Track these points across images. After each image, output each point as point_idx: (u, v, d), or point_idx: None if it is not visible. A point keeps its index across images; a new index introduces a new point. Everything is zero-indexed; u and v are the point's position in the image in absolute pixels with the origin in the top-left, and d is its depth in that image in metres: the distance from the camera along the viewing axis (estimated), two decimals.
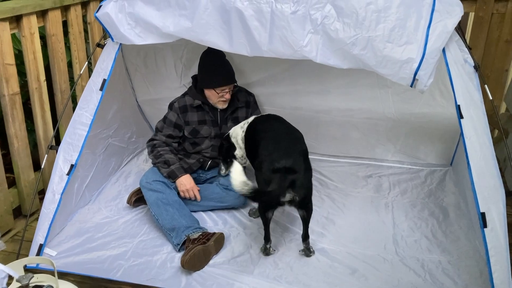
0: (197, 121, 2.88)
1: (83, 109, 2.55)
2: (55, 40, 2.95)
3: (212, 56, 2.78)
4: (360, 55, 2.10)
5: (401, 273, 2.37)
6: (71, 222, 2.76)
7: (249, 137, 2.72)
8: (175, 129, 2.87)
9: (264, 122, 2.74)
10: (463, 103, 2.11)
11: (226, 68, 2.82)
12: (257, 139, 2.58)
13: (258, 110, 3.09)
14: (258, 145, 2.51)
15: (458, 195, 3.04)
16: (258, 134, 2.62)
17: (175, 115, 2.86)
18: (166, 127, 2.88)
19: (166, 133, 2.87)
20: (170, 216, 2.60)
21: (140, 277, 2.33)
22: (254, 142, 2.61)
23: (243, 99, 2.99)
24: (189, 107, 2.86)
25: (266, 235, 2.49)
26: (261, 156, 2.44)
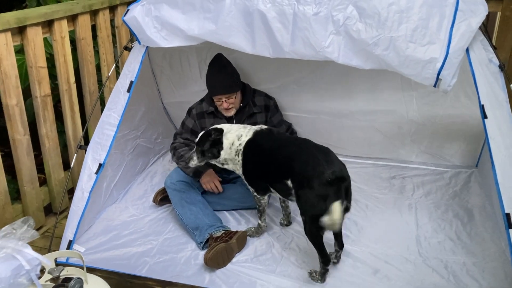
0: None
1: (111, 110, 2.62)
2: (85, 44, 3.05)
3: (213, 65, 2.79)
4: (382, 55, 2.11)
5: (424, 274, 2.36)
6: (99, 219, 2.84)
7: (256, 153, 2.49)
8: (192, 135, 2.89)
9: (271, 139, 2.51)
10: (487, 103, 2.09)
11: (220, 77, 2.75)
12: (277, 156, 2.40)
13: (278, 114, 3.04)
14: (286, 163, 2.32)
15: (483, 196, 3.00)
16: (276, 151, 2.42)
17: (192, 121, 2.91)
18: (184, 132, 2.93)
19: (185, 137, 2.93)
20: (194, 215, 2.65)
21: (164, 274, 2.38)
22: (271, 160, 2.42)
23: (261, 104, 2.95)
24: (205, 114, 2.90)
25: (326, 256, 2.27)
26: (303, 173, 2.23)
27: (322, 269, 2.30)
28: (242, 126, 2.59)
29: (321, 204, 2.14)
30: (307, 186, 2.19)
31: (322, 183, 2.14)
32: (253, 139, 2.51)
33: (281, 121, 3.04)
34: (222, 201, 2.88)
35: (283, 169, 2.34)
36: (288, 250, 2.55)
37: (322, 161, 2.21)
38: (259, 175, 2.52)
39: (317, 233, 2.23)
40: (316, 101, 3.35)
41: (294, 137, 2.59)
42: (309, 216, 2.22)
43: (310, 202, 2.19)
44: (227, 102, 2.78)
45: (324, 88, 3.30)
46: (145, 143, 3.36)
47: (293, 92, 3.36)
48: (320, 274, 2.31)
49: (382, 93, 3.22)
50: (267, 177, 2.49)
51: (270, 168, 2.43)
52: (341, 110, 3.35)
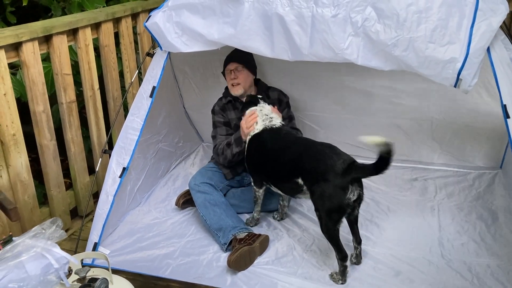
0: (236, 118, 2.96)
1: (134, 115, 2.67)
2: (108, 51, 3.12)
3: None
4: (401, 56, 2.11)
5: (447, 276, 2.34)
6: (123, 222, 2.89)
7: (258, 150, 2.58)
8: (227, 128, 2.96)
9: (276, 138, 2.57)
10: (509, 102, 2.07)
11: (237, 50, 2.78)
12: (283, 157, 2.47)
13: (291, 112, 3.06)
14: (293, 162, 2.39)
15: (508, 198, 2.95)
16: (280, 152, 2.49)
17: (220, 116, 2.98)
18: (220, 129, 2.97)
19: (222, 134, 2.96)
20: (217, 217, 2.68)
21: (187, 275, 2.42)
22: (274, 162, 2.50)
23: (274, 97, 3.00)
24: (225, 106, 2.99)
25: (343, 252, 2.29)
26: (315, 169, 2.28)
27: (341, 267, 2.31)
28: (266, 114, 2.66)
29: (339, 194, 2.19)
30: (322, 179, 2.24)
31: (337, 173, 2.21)
32: (259, 134, 2.60)
33: (291, 117, 3.05)
34: (243, 203, 2.91)
35: (291, 168, 2.40)
36: (309, 252, 2.56)
37: (331, 154, 2.28)
38: (258, 170, 2.62)
39: (334, 227, 2.27)
40: (337, 100, 3.36)
41: (298, 137, 2.63)
42: (326, 209, 2.25)
43: (327, 195, 2.23)
44: (235, 74, 2.88)
45: (345, 86, 3.31)
46: (167, 147, 3.41)
47: (313, 92, 3.38)
48: (340, 273, 2.31)
49: (402, 87, 3.20)
50: (270, 176, 2.57)
51: (274, 169, 2.51)
52: (362, 107, 3.35)
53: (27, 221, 2.62)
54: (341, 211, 2.24)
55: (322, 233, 2.33)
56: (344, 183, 2.20)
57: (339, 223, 2.27)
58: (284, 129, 2.64)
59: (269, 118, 2.65)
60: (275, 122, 2.65)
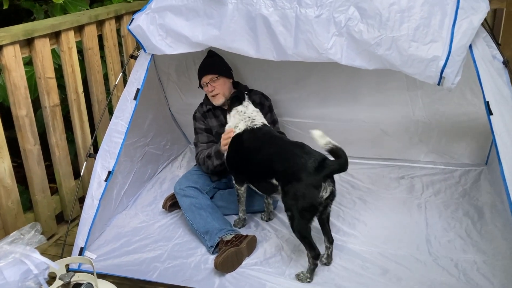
0: (217, 125, 2.97)
1: (119, 118, 2.65)
2: (92, 54, 3.09)
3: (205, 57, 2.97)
4: (385, 55, 2.12)
5: (434, 273, 2.35)
6: (109, 227, 2.87)
7: (238, 150, 2.60)
8: (208, 135, 2.96)
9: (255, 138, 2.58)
10: (492, 99, 2.09)
11: (206, 61, 2.94)
12: (258, 157, 2.49)
13: (273, 115, 3.06)
14: (267, 163, 2.42)
15: (494, 194, 2.98)
16: (257, 152, 2.51)
17: (201, 122, 2.98)
18: (201, 136, 2.97)
19: (203, 141, 2.96)
20: (203, 220, 2.67)
21: (175, 278, 2.40)
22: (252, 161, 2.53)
23: (256, 101, 2.98)
24: (206, 114, 2.99)
25: (316, 249, 2.30)
26: (287, 169, 2.31)
27: (312, 265, 2.32)
28: (249, 116, 2.67)
29: (313, 192, 2.21)
30: (295, 179, 2.26)
31: (310, 172, 2.23)
32: (241, 134, 2.61)
33: (274, 121, 3.05)
34: (230, 205, 2.90)
35: (265, 169, 2.43)
36: (297, 253, 2.55)
37: (301, 154, 2.30)
38: (239, 169, 2.65)
39: (306, 226, 2.28)
40: (321, 107, 3.36)
41: (273, 137, 2.59)
42: (300, 209, 2.25)
43: (301, 194, 2.24)
44: (212, 85, 2.87)
45: (329, 93, 3.31)
46: (154, 150, 3.39)
47: (297, 98, 3.38)
48: (309, 271, 2.32)
49: (387, 94, 3.21)
50: (248, 176, 2.62)
51: (251, 169, 2.54)
52: (346, 115, 3.34)
53: (11, 227, 2.57)
54: (314, 209, 2.26)
55: (293, 232, 2.34)
56: (317, 181, 2.22)
57: (311, 221, 2.29)
58: (263, 129, 2.62)
59: (251, 119, 2.64)
60: (257, 122, 2.64)
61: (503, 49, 3.14)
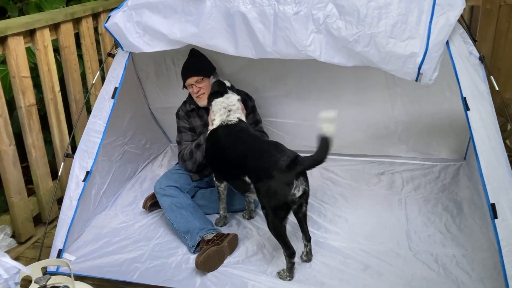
0: (201, 125, 2.94)
1: (97, 117, 2.62)
2: (68, 52, 3.04)
3: (188, 56, 2.93)
4: (363, 52, 2.12)
5: (415, 268, 2.37)
6: (89, 227, 2.82)
7: (214, 145, 2.59)
8: (192, 134, 2.93)
9: (230, 134, 2.56)
10: (469, 95, 2.11)
11: (190, 62, 2.90)
12: (232, 154, 2.47)
13: (256, 115, 3.05)
14: (239, 161, 2.39)
15: (472, 189, 3.02)
16: (231, 149, 2.49)
17: (185, 121, 2.95)
18: (185, 135, 2.94)
19: (188, 140, 2.93)
20: (184, 219, 2.64)
21: (156, 279, 2.37)
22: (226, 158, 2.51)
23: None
24: (190, 113, 2.95)
25: (291, 248, 2.29)
26: (258, 167, 2.29)
27: (289, 263, 2.31)
28: (225, 107, 2.63)
29: (284, 190, 2.19)
30: (265, 177, 2.24)
31: (281, 169, 2.21)
32: (216, 129, 2.59)
33: (257, 121, 3.04)
34: (211, 204, 2.88)
35: (238, 167, 2.41)
36: (279, 250, 2.53)
37: (274, 152, 2.29)
38: (216, 165, 2.65)
39: (280, 224, 2.26)
40: (301, 107, 3.36)
41: (249, 135, 2.57)
42: (272, 206, 2.24)
43: (272, 191, 2.22)
44: (197, 87, 2.84)
45: (309, 93, 3.31)
46: (133, 149, 3.35)
47: (278, 98, 3.37)
48: (288, 270, 2.32)
49: (367, 93, 3.22)
50: (223, 173, 2.61)
51: (226, 166, 2.53)
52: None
53: None
54: (287, 207, 2.24)
55: (269, 230, 2.33)
56: (289, 178, 2.20)
57: (286, 220, 2.27)
58: (239, 126, 2.59)
59: (227, 112, 2.61)
60: (232, 117, 2.60)
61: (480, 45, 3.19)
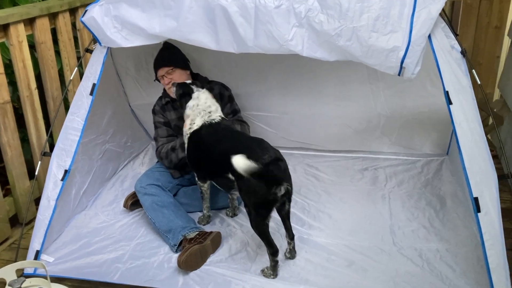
0: (176, 118, 2.90)
1: (75, 114, 2.56)
2: (45, 48, 2.95)
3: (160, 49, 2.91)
4: (346, 46, 2.10)
5: (399, 263, 2.36)
6: (68, 228, 2.75)
7: (198, 146, 2.53)
8: (167, 128, 2.90)
9: (214, 133, 2.50)
10: (451, 89, 2.10)
11: (161, 53, 2.88)
12: (216, 152, 2.42)
13: (234, 105, 3.00)
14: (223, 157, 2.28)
15: (455, 183, 3.03)
16: (215, 147, 2.44)
17: (160, 116, 2.91)
18: (160, 130, 2.90)
19: (163, 135, 2.89)
20: (166, 218, 2.60)
21: (137, 279, 2.32)
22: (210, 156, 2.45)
23: (216, 92, 2.93)
24: (165, 106, 2.92)
25: (274, 247, 2.26)
26: None
27: (272, 262, 2.28)
28: (204, 109, 2.57)
29: (264, 188, 2.14)
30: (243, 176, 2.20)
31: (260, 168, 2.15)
32: (199, 130, 2.54)
33: (235, 111, 3.00)
34: (194, 202, 2.84)
35: (222, 164, 2.35)
36: (263, 248, 2.48)
37: (256, 149, 2.25)
38: (199, 166, 2.59)
39: (263, 222, 2.23)
40: (285, 101, 3.34)
41: (233, 131, 2.55)
42: (253, 204, 2.21)
43: (252, 190, 2.18)
44: (168, 78, 2.81)
45: (291, 85, 3.30)
46: (114, 147, 3.28)
47: (259, 91, 3.35)
48: (271, 268, 2.29)
49: (349, 87, 3.22)
50: (208, 172, 2.56)
51: (210, 164, 2.49)
52: (309, 108, 3.34)
53: None
54: (268, 206, 2.21)
55: (252, 228, 2.30)
56: (269, 177, 2.15)
57: (268, 218, 2.24)
58: (222, 124, 2.56)
59: (207, 113, 2.57)
60: (214, 116, 2.56)
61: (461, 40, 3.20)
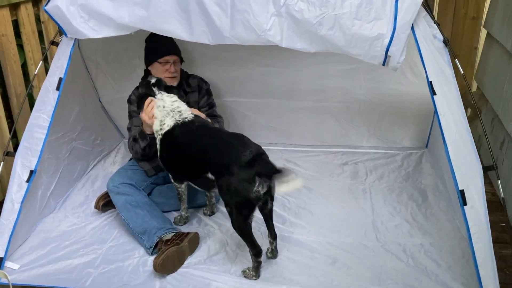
0: None
1: (40, 111, 2.42)
2: (6, 41, 2.78)
3: (154, 35, 2.65)
4: (328, 35, 2.02)
5: (383, 259, 2.31)
6: (34, 232, 2.60)
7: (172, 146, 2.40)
8: None
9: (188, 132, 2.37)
10: (435, 79, 2.05)
11: (169, 39, 2.65)
12: (192, 151, 2.31)
13: (210, 98, 2.91)
14: (201, 156, 2.24)
15: (435, 176, 3.01)
16: (191, 146, 2.32)
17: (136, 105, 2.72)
18: (135, 119, 2.74)
19: (138, 124, 2.71)
20: (140, 219, 2.47)
21: (111, 284, 2.20)
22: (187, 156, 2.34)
23: (194, 85, 2.85)
24: (144, 98, 2.74)
25: (257, 247, 2.17)
26: (220, 162, 2.14)
27: (255, 262, 2.20)
28: (172, 109, 2.43)
29: (246, 187, 2.05)
30: (226, 173, 2.10)
31: (242, 166, 2.07)
32: (171, 131, 2.40)
33: (211, 104, 2.92)
34: (169, 201, 2.72)
35: (200, 163, 2.26)
36: (243, 247, 2.40)
37: (236, 145, 2.15)
38: (175, 167, 2.47)
39: (245, 222, 2.13)
40: (263, 83, 3.28)
41: (209, 128, 2.43)
42: (234, 204, 2.11)
43: (233, 189, 2.09)
44: (175, 67, 2.72)
45: (270, 68, 3.23)
46: (82, 145, 3.13)
47: (239, 77, 3.28)
48: (254, 269, 2.20)
49: (328, 68, 3.17)
50: (185, 173, 2.44)
51: (187, 164, 2.37)
52: (289, 91, 3.29)
53: None
54: (251, 205, 2.11)
55: (233, 228, 2.20)
56: (250, 175, 2.05)
57: (250, 217, 2.14)
58: (197, 121, 2.43)
59: (177, 112, 2.43)
60: (186, 114, 2.43)
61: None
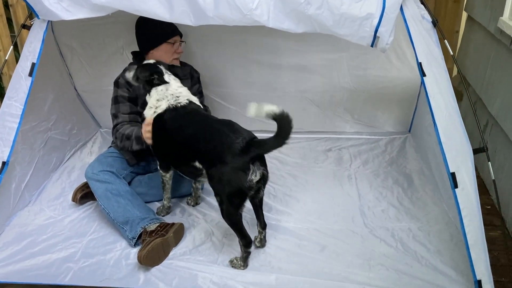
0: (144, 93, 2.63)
1: (12, 98, 2.31)
2: None
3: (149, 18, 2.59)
4: (316, 15, 1.94)
5: (372, 245, 2.28)
6: (9, 227, 2.48)
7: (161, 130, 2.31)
8: (131, 105, 2.60)
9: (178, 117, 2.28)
10: (424, 60, 2.01)
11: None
12: (180, 138, 2.23)
13: (201, 87, 2.90)
14: (190, 144, 2.17)
15: (420, 160, 3.00)
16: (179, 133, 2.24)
17: (125, 90, 2.59)
18: (122, 106, 2.59)
19: (125, 112, 2.59)
20: (122, 208, 2.37)
21: (92, 279, 2.12)
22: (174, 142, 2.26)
23: (186, 72, 2.79)
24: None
25: (247, 237, 2.13)
26: (211, 150, 2.07)
27: (244, 253, 2.15)
28: (172, 93, 2.34)
29: (240, 176, 1.99)
30: (219, 162, 2.03)
31: (235, 154, 2.00)
32: (162, 114, 2.31)
33: (201, 92, 2.88)
34: (152, 191, 2.63)
35: (188, 151, 2.18)
36: (229, 237, 2.35)
37: (228, 132, 2.07)
38: (163, 153, 2.39)
39: (236, 212, 2.08)
40: (245, 74, 3.20)
41: (199, 115, 2.34)
42: (227, 194, 2.04)
43: (226, 178, 2.02)
44: (181, 48, 2.72)
45: (252, 61, 3.16)
46: (58, 135, 3.01)
47: (221, 68, 3.19)
48: (242, 259, 2.15)
49: (312, 58, 3.11)
50: (170, 159, 2.36)
51: (175, 151, 2.28)
52: (272, 81, 3.23)
53: None
54: (243, 194, 2.05)
55: (223, 218, 2.13)
56: (244, 163, 1.99)
57: (242, 207, 2.08)
58: (189, 107, 2.33)
59: (175, 97, 2.33)
60: (182, 100, 2.34)
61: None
